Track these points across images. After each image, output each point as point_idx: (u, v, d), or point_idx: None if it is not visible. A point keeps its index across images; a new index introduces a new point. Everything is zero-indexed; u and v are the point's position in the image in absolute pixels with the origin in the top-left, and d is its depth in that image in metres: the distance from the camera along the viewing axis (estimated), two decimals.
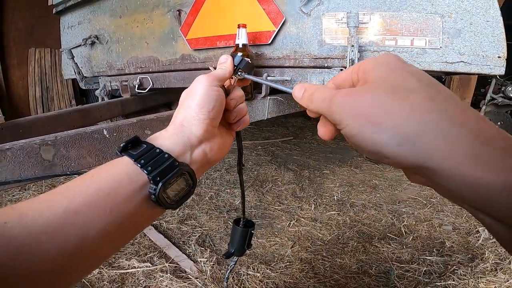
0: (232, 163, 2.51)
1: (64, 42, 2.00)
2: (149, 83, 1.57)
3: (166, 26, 1.47)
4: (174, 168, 0.31)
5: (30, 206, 0.26)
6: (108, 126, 0.67)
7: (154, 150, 0.31)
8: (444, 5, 0.86)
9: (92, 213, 0.26)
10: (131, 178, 0.29)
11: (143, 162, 0.29)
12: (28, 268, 0.23)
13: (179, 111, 0.35)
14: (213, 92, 0.35)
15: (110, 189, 0.28)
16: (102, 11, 1.71)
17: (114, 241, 0.29)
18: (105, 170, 0.29)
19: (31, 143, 0.58)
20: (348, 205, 1.81)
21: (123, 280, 1.19)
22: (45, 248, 0.24)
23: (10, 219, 0.24)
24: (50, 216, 0.25)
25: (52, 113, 1.13)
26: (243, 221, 0.50)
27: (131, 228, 0.30)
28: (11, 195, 1.90)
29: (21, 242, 0.23)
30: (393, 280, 1.21)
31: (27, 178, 0.61)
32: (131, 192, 0.28)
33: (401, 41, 0.91)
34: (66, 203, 0.26)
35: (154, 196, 0.29)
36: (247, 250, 0.50)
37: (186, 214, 1.70)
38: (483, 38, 0.83)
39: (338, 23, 1.00)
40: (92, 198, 0.27)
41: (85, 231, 0.26)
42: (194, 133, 0.34)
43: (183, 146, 0.33)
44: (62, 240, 0.25)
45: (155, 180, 0.29)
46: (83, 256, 0.26)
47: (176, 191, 0.31)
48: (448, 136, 0.20)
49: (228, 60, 0.39)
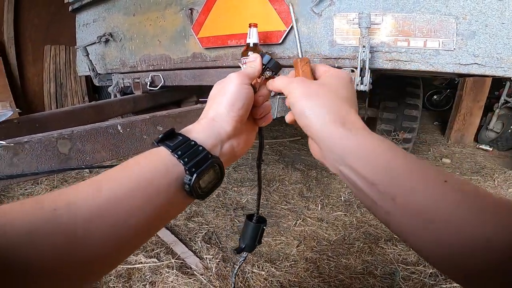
0: (240, 162, 2.52)
1: (79, 40, 2.04)
2: (161, 80, 1.60)
3: (178, 25, 1.48)
4: (207, 160, 0.32)
5: (76, 193, 0.26)
6: (122, 121, 0.68)
7: (190, 142, 0.32)
8: (458, 7, 0.85)
9: (134, 202, 0.27)
10: (168, 169, 0.30)
11: (180, 153, 0.31)
12: (76, 255, 0.24)
13: (211, 106, 0.37)
14: (243, 91, 0.37)
15: (150, 179, 0.29)
16: (117, 9, 1.74)
17: (149, 230, 0.30)
18: (144, 160, 0.31)
19: (49, 136, 0.60)
20: (355, 206, 1.80)
21: (129, 275, 1.21)
22: (91, 235, 0.24)
23: (59, 206, 0.24)
24: (96, 204, 0.25)
25: (67, 109, 1.16)
26: (256, 216, 0.50)
27: (164, 217, 0.31)
28: (23, 189, 1.96)
29: (69, 230, 0.23)
30: (398, 281, 1.20)
31: (44, 171, 0.63)
32: (168, 182, 0.30)
33: (413, 42, 0.90)
34: (111, 192, 0.27)
35: (189, 186, 0.30)
36: (257, 246, 0.51)
37: (193, 211, 1.72)
38: (498, 40, 0.82)
39: (349, 23, 1.00)
40: (135, 187, 0.28)
41: (127, 220, 0.27)
42: (224, 129, 0.35)
43: (214, 140, 0.34)
44: (107, 227, 0.25)
45: (191, 171, 0.30)
46: (123, 244, 0.27)
47: (207, 182, 0.32)
48: (334, 115, 0.33)
49: (258, 59, 0.41)
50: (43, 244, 0.22)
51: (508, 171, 2.49)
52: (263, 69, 0.41)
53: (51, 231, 0.23)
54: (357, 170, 0.30)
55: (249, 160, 2.57)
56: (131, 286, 1.16)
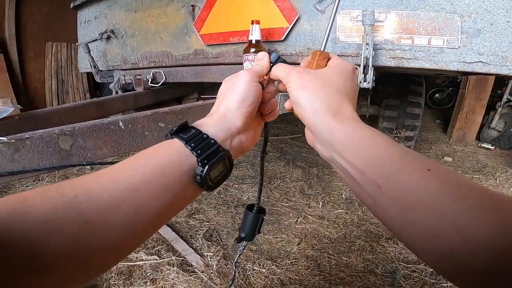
0: (241, 159, 2.52)
1: (80, 36, 2.04)
2: (162, 77, 1.59)
3: (180, 21, 1.48)
4: (218, 153, 0.33)
5: (95, 180, 0.27)
6: (123, 118, 0.68)
7: (202, 135, 0.34)
8: (464, 5, 0.84)
9: (150, 191, 0.28)
10: (181, 160, 0.31)
11: (193, 146, 0.32)
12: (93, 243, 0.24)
13: (222, 102, 0.38)
14: (253, 88, 0.38)
15: (165, 169, 0.30)
16: (118, 6, 1.74)
17: (160, 219, 0.31)
18: (159, 151, 0.32)
19: (50, 132, 0.60)
20: (357, 204, 1.80)
21: (130, 272, 1.22)
22: (108, 223, 0.25)
23: (79, 193, 0.25)
24: (115, 192, 0.26)
25: (69, 105, 1.16)
26: (257, 207, 0.51)
27: (175, 208, 0.32)
28: (24, 185, 1.96)
29: (89, 217, 0.24)
30: (399, 280, 1.20)
31: (45, 167, 0.63)
32: (181, 172, 0.31)
33: (417, 40, 0.90)
34: (128, 180, 0.28)
35: (200, 178, 0.32)
36: (256, 235, 0.52)
37: (194, 208, 1.73)
38: (503, 39, 0.81)
39: (353, 21, 0.99)
40: (150, 176, 0.29)
41: (142, 208, 0.28)
42: (234, 124, 0.37)
43: (225, 134, 0.36)
44: (123, 215, 0.26)
45: (203, 163, 0.32)
46: (138, 232, 0.28)
47: (216, 174, 0.34)
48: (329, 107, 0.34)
49: (266, 57, 0.42)
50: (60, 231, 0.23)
51: (510, 169, 2.48)
52: (271, 66, 0.42)
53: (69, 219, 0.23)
54: (346, 159, 0.32)
55: (250, 157, 2.57)
56: (132, 283, 1.16)
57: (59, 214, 0.23)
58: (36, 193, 0.24)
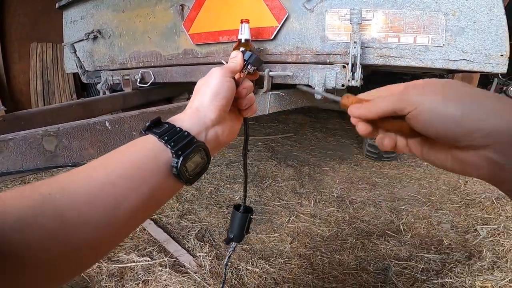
0: (232, 159, 2.51)
1: (66, 37, 2.00)
2: (151, 77, 1.58)
3: (168, 21, 1.46)
4: (193, 144, 0.34)
5: (71, 178, 0.27)
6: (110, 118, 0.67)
7: (175, 128, 0.34)
8: (448, 3, 0.86)
9: (127, 185, 0.29)
10: (156, 154, 0.32)
11: (166, 139, 0.33)
12: (70, 238, 0.25)
13: (196, 98, 0.39)
14: (226, 83, 0.39)
15: (140, 164, 0.30)
16: (105, 6, 1.71)
17: (140, 214, 0.31)
18: (134, 146, 0.32)
19: (34, 133, 0.59)
20: (348, 202, 1.82)
21: (122, 274, 1.20)
22: (85, 218, 0.25)
23: (54, 191, 0.25)
24: (90, 187, 0.27)
25: (54, 106, 1.13)
26: (243, 207, 0.51)
27: (155, 202, 0.33)
28: (10, 188, 1.91)
29: (64, 213, 0.24)
30: (391, 277, 1.21)
31: (29, 168, 0.61)
32: (157, 166, 0.31)
33: (404, 38, 0.91)
34: (104, 176, 0.28)
35: (176, 169, 0.32)
36: (245, 235, 0.51)
37: (185, 209, 1.71)
38: (486, 37, 0.83)
39: (341, 19, 1.00)
40: (126, 171, 0.29)
41: (120, 202, 0.28)
42: (208, 117, 0.38)
43: (199, 127, 0.37)
44: (100, 210, 0.26)
45: (177, 154, 0.32)
46: (116, 227, 0.28)
47: (194, 166, 0.34)
48: None
49: (239, 56, 0.44)
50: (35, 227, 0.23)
51: None
52: (245, 64, 0.44)
53: (45, 215, 0.23)
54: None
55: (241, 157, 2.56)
56: (124, 285, 1.14)
57: (35, 211, 0.23)
58: (11, 193, 0.24)
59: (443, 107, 0.26)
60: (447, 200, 1.84)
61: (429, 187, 2.03)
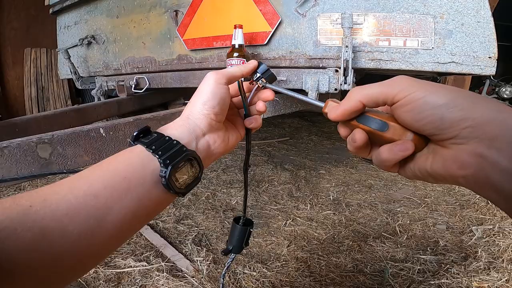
0: (229, 163, 2.51)
1: (60, 42, 2.00)
2: (146, 83, 1.58)
3: (163, 27, 1.47)
4: (182, 153, 0.33)
5: (52, 190, 0.27)
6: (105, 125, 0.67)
7: (164, 138, 0.33)
8: (436, 6, 0.87)
9: (111, 196, 0.28)
10: (143, 163, 0.31)
11: (154, 148, 0.31)
12: (52, 250, 0.24)
13: (187, 106, 0.38)
14: (218, 90, 0.37)
15: (125, 174, 0.29)
16: (99, 12, 1.71)
17: (128, 226, 0.30)
18: (120, 156, 0.31)
19: (28, 141, 0.59)
20: (344, 205, 1.82)
21: (119, 279, 1.19)
22: (67, 230, 0.25)
23: (35, 203, 0.25)
24: (72, 199, 0.26)
25: (48, 113, 1.13)
26: (243, 219, 0.51)
27: (143, 214, 0.31)
28: (6, 195, 1.89)
29: (45, 225, 0.24)
30: (388, 278, 1.22)
31: (24, 176, 0.61)
32: (144, 176, 0.30)
33: (394, 41, 0.92)
34: (87, 187, 0.27)
35: (165, 179, 0.30)
36: (244, 248, 0.51)
37: (182, 214, 1.71)
38: (474, 39, 0.84)
39: (333, 24, 1.01)
40: (110, 182, 0.28)
41: (104, 214, 0.27)
42: (198, 126, 0.36)
43: (189, 135, 0.35)
44: (83, 222, 0.26)
45: (165, 163, 0.31)
46: (101, 239, 0.27)
47: (184, 176, 0.33)
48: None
49: (252, 65, 0.40)
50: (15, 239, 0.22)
51: None
52: (258, 77, 0.40)
53: (24, 227, 0.23)
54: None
55: (238, 161, 2.56)
56: None
57: (14, 223, 0.23)
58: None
59: (435, 96, 0.25)
60: (442, 201, 1.86)
61: (424, 189, 2.04)
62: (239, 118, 0.43)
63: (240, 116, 0.42)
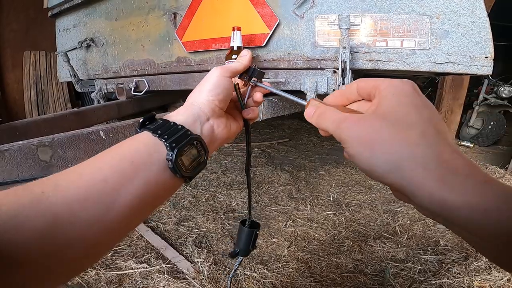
0: (229, 165, 2.51)
1: (59, 45, 2.00)
2: (145, 85, 1.58)
3: (161, 29, 1.48)
4: (187, 136, 0.34)
5: (63, 176, 0.27)
6: (104, 127, 0.67)
7: (169, 123, 0.34)
8: (432, 7, 0.88)
9: (119, 181, 0.28)
10: (149, 148, 0.31)
11: (160, 133, 0.32)
12: (64, 236, 0.24)
13: (192, 95, 0.39)
14: (223, 82, 0.39)
15: (132, 159, 0.30)
16: (98, 14, 1.72)
17: (136, 211, 0.30)
18: (127, 142, 0.32)
19: (29, 144, 0.59)
20: (344, 205, 1.83)
21: (120, 281, 1.19)
22: (77, 216, 0.25)
23: (46, 189, 0.25)
24: (81, 185, 0.26)
25: (48, 116, 1.13)
26: (249, 222, 0.51)
27: (150, 198, 0.31)
28: None
29: (57, 211, 0.24)
30: (389, 278, 1.22)
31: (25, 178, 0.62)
32: (151, 161, 0.31)
33: (391, 42, 0.93)
34: (96, 172, 0.28)
35: (171, 163, 0.31)
36: (251, 250, 0.51)
37: (183, 216, 1.71)
38: (470, 39, 0.85)
39: (330, 25, 1.02)
40: (118, 167, 0.29)
41: (113, 199, 0.27)
42: (202, 110, 0.38)
43: (193, 120, 0.36)
44: (93, 207, 0.26)
45: (172, 147, 0.32)
46: (111, 226, 0.28)
47: (190, 159, 0.34)
48: (426, 166, 0.24)
49: (248, 55, 0.43)
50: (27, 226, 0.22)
51: (490, 166, 2.57)
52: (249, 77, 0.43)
53: (38, 214, 0.23)
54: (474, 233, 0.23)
55: (238, 163, 2.57)
56: None
57: (27, 210, 0.23)
58: (3, 193, 0.24)
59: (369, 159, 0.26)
60: None
61: None
62: (237, 111, 0.45)
63: (238, 110, 0.44)
